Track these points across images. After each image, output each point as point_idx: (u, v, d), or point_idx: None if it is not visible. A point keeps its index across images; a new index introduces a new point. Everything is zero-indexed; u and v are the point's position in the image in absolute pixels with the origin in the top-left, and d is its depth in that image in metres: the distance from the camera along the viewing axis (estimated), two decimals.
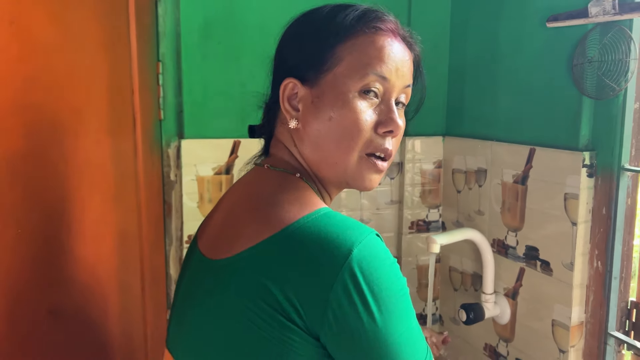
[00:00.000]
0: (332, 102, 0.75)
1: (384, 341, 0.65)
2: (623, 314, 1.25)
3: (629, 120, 1.19)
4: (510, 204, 1.46)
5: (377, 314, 0.64)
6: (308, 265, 0.65)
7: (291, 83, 0.77)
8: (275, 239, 0.68)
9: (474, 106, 1.64)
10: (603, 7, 1.15)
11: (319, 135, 0.76)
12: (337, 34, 0.75)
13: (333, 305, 0.63)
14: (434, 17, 1.71)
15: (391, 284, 0.66)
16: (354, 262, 0.63)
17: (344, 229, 0.66)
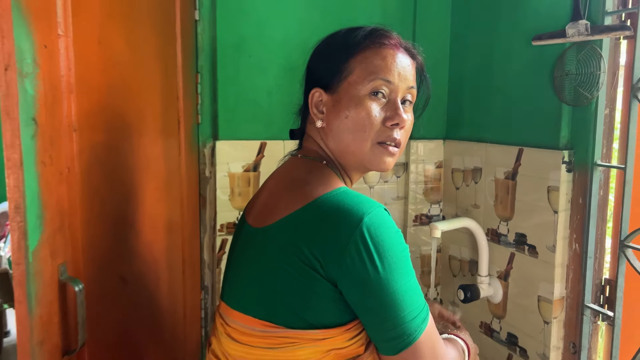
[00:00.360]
0: (348, 104, 0.93)
1: (384, 289, 0.82)
2: (598, 289, 1.45)
3: (600, 123, 1.40)
4: (502, 197, 1.67)
5: (380, 267, 0.81)
6: (329, 229, 0.83)
7: (317, 92, 0.97)
8: (304, 209, 0.87)
9: (470, 113, 1.85)
10: (578, 29, 1.37)
11: (339, 130, 0.94)
12: (349, 49, 0.94)
13: (347, 260, 0.81)
14: (436, 35, 1.92)
15: (392, 246, 0.83)
16: (364, 227, 0.81)
17: (357, 202, 0.85)
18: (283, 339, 0.86)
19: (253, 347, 0.89)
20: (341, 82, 0.94)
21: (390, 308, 0.82)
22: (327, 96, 0.96)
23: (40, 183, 0.93)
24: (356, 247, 0.81)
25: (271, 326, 0.87)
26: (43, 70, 0.92)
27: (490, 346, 1.74)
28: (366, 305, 0.84)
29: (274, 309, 0.88)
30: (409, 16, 1.89)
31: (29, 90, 0.89)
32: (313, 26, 1.76)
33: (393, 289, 0.82)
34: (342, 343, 0.87)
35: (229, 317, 0.96)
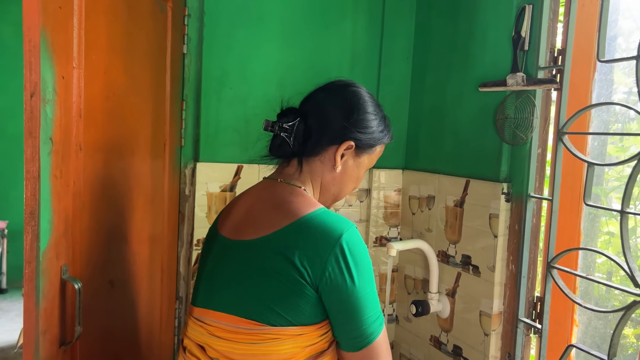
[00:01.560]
0: (358, 171, 1.20)
1: (355, 295, 1.01)
2: (530, 305, 1.65)
3: (534, 161, 1.61)
4: (451, 223, 1.88)
5: (355, 276, 1.00)
6: (314, 244, 1.00)
7: (352, 146, 1.14)
8: (292, 226, 1.03)
9: (426, 146, 2.06)
10: (516, 79, 1.60)
11: (344, 183, 1.19)
12: (383, 140, 1.21)
13: (329, 269, 0.99)
14: (398, 77, 2.14)
15: (364, 260, 1.03)
16: (343, 242, 1.00)
17: (337, 221, 1.03)
18: (267, 335, 1.01)
19: (239, 343, 1.03)
20: (365, 153, 1.18)
21: (359, 311, 1.01)
22: (353, 153, 1.16)
23: (52, 193, 1.08)
24: (336, 258, 0.99)
25: (257, 324, 1.02)
26: (60, 97, 1.09)
27: (438, 357, 1.92)
28: (339, 307, 1.02)
29: (260, 309, 1.02)
30: (375, 59, 2.11)
31: (49, 114, 1.05)
32: (289, 64, 1.96)
33: (362, 295, 1.01)
34: (316, 338, 1.04)
35: (211, 318, 1.09)
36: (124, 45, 1.38)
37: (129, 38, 1.41)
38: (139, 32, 1.47)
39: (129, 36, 1.41)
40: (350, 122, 1.14)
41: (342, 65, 2.06)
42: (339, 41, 2.05)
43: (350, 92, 1.17)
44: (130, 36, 1.41)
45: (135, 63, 1.45)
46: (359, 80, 2.08)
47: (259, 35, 1.90)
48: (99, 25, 1.24)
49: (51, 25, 1.04)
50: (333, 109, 1.15)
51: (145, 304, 1.60)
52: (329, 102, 1.16)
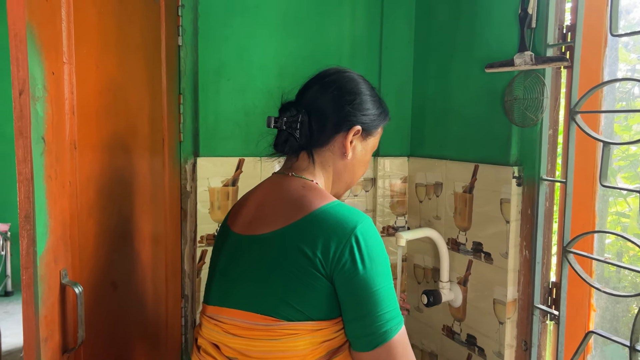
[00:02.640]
0: (366, 156, 1.20)
1: (368, 287, 0.97)
2: (546, 291, 1.61)
3: (545, 142, 1.56)
4: (460, 209, 1.83)
5: (367, 267, 0.97)
6: (329, 235, 0.98)
7: (359, 130, 1.13)
8: (306, 219, 1.01)
9: (432, 132, 2.01)
10: (524, 59, 1.54)
11: (355, 170, 1.18)
12: (384, 119, 1.20)
13: (342, 259, 0.96)
14: (400, 62, 2.09)
15: (378, 252, 0.99)
16: (357, 234, 0.97)
17: (351, 213, 1.01)
18: (284, 330, 0.98)
19: (255, 340, 1.00)
20: (370, 137, 1.17)
21: (372, 305, 0.96)
22: (360, 138, 1.15)
23: (47, 195, 1.03)
24: (350, 249, 0.96)
25: (273, 320, 0.99)
26: (51, 95, 1.04)
27: (451, 347, 1.88)
28: (352, 300, 0.98)
29: (275, 304, 0.99)
30: (376, 45, 2.05)
31: (40, 112, 1.00)
32: (288, 53, 1.90)
33: (375, 288, 0.97)
34: (332, 334, 1.00)
35: (226, 316, 1.06)
36: (117, 38, 1.33)
37: (122, 31, 1.36)
38: (131, 25, 1.41)
39: (121, 29, 1.35)
40: (353, 107, 1.13)
41: (342, 52, 2.00)
42: (338, 27, 1.99)
43: (345, 78, 1.16)
44: (122, 29, 1.36)
45: (129, 57, 1.40)
46: (360, 67, 2.04)
47: (255, 24, 1.84)
48: (89, 18, 1.19)
49: (38, 19, 0.98)
50: (333, 97, 1.13)
51: (150, 304, 1.56)
52: (327, 91, 1.14)
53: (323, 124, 1.12)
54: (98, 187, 1.24)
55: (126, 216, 1.37)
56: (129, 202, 1.39)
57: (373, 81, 2.06)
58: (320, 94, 1.14)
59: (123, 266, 1.38)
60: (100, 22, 1.24)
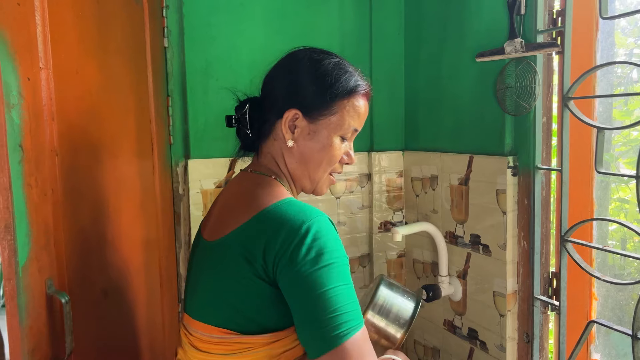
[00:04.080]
0: (324, 139, 1.04)
1: (314, 288, 0.88)
2: (546, 282, 1.58)
3: (539, 130, 1.53)
4: (457, 202, 1.80)
5: (318, 269, 0.88)
6: (274, 235, 0.91)
7: (296, 113, 1.03)
8: (252, 220, 0.95)
9: (425, 125, 1.98)
10: (514, 46, 1.51)
11: (309, 157, 1.05)
12: (338, 92, 1.04)
13: (283, 261, 0.89)
14: (391, 54, 2.05)
15: (328, 251, 0.90)
16: (305, 232, 0.90)
17: (301, 210, 0.93)
18: (239, 344, 0.94)
19: (213, 355, 0.96)
20: (323, 116, 1.03)
21: (319, 307, 0.87)
22: (304, 121, 1.03)
23: (27, 204, 1.01)
24: (294, 248, 0.89)
25: (228, 332, 0.95)
26: (27, 101, 1.01)
27: (453, 342, 1.86)
28: (298, 302, 0.90)
29: (230, 316, 0.95)
30: (366, 38, 2.02)
31: (16, 119, 0.98)
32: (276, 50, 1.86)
33: (323, 289, 0.88)
34: (292, 343, 0.96)
35: (191, 327, 1.03)
36: (97, 42, 1.31)
37: (102, 34, 1.33)
38: (112, 27, 1.39)
39: (102, 32, 1.33)
40: (285, 89, 1.05)
41: (332, 46, 1.96)
42: (326, 21, 1.96)
43: (286, 58, 1.09)
44: (102, 32, 1.33)
45: (111, 60, 1.37)
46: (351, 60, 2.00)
47: (241, 22, 1.82)
48: (66, 22, 1.16)
49: (9, 24, 0.96)
50: (272, 82, 1.09)
51: (144, 310, 1.54)
52: (270, 77, 1.10)
53: (263, 113, 1.07)
54: (82, 194, 1.22)
55: (114, 223, 1.35)
56: (115, 208, 1.37)
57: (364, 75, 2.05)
58: (265, 82, 1.11)
59: (113, 273, 1.36)
60: (79, 25, 1.21)
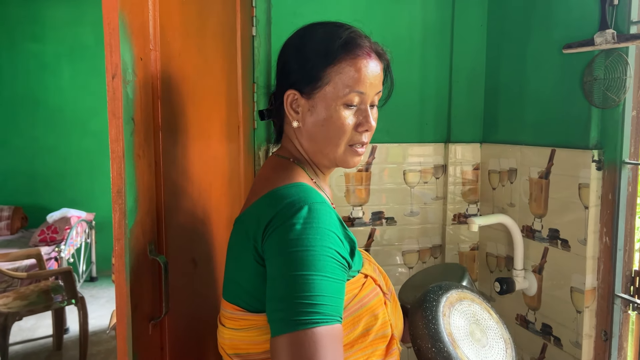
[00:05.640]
0: (323, 112, 0.96)
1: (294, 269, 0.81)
2: (628, 280, 1.54)
3: (628, 124, 1.50)
4: (536, 196, 1.78)
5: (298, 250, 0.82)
6: (267, 214, 0.88)
7: (292, 94, 0.99)
8: (258, 201, 0.94)
9: (505, 117, 1.97)
10: (605, 37, 1.48)
11: (314, 134, 0.99)
12: (326, 58, 0.95)
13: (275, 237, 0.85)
14: (473, 45, 2.05)
15: (317, 239, 0.83)
16: (301, 213, 0.85)
17: (300, 194, 0.88)
18: (245, 321, 0.93)
19: (228, 329, 0.97)
20: (317, 89, 0.97)
21: (290, 288, 0.81)
22: (303, 100, 0.99)
23: (136, 173, 1.11)
24: (283, 226, 0.85)
25: (237, 309, 0.94)
26: (139, 79, 1.11)
27: (525, 337, 1.84)
28: (272, 277, 0.85)
29: (238, 293, 0.95)
30: (447, 29, 2.03)
31: (130, 94, 1.07)
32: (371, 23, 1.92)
33: (301, 272, 0.81)
34: None
35: (221, 302, 1.05)
36: (197, 27, 1.40)
37: (201, 20, 1.42)
38: (210, 15, 1.48)
39: (201, 17, 1.42)
40: (282, 71, 1.03)
41: (413, 38, 2.00)
42: (409, 13, 1.98)
43: (288, 39, 1.06)
44: (202, 18, 1.42)
45: (208, 45, 1.46)
46: (431, 52, 2.03)
47: (327, 12, 1.87)
48: (172, 8, 1.26)
49: (128, 8, 1.06)
50: (276, 69, 1.07)
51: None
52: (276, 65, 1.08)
53: (273, 98, 1.07)
54: (180, 169, 1.31)
55: (205, 198, 1.44)
56: (208, 185, 1.46)
57: (444, 66, 2.08)
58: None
59: (202, 245, 1.45)
60: (183, 10, 1.30)
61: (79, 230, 4.49)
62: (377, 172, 2.03)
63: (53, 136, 5.11)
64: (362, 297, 0.94)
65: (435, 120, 2.07)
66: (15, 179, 5.09)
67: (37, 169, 5.12)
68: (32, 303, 3.15)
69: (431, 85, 2.05)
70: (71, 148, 5.13)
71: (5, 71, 5.05)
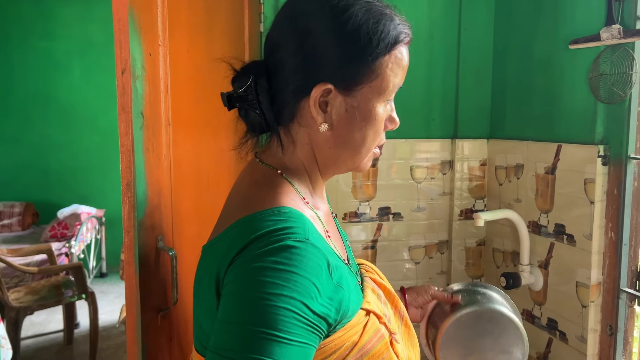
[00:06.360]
0: (366, 114, 0.78)
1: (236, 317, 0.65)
2: (633, 274, 1.54)
3: (634, 119, 1.50)
4: (542, 191, 1.79)
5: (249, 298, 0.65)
6: (239, 246, 0.69)
7: (326, 89, 0.76)
8: (229, 230, 0.74)
9: (512, 114, 1.97)
10: (612, 33, 1.49)
11: (348, 139, 0.79)
12: (378, 49, 0.76)
13: (232, 274, 0.68)
14: (479, 41, 2.05)
15: (276, 285, 0.65)
16: (267, 252, 0.67)
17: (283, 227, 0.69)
18: None
19: None
20: (362, 85, 0.77)
21: (227, 337, 0.65)
22: (339, 97, 0.78)
23: (145, 166, 1.13)
24: (251, 264, 0.67)
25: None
26: (148, 74, 1.13)
27: (531, 331, 1.85)
28: (218, 316, 0.69)
29: (201, 338, 0.78)
30: (454, 24, 2.04)
31: (139, 89, 1.10)
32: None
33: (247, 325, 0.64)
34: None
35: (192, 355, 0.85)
36: (204, 24, 1.42)
37: (209, 16, 1.44)
38: (217, 11, 1.50)
39: (209, 15, 1.44)
40: (309, 58, 0.76)
41: (419, 34, 2.01)
42: (415, 10, 1.99)
43: (293, 10, 0.80)
44: (209, 15, 1.44)
45: (216, 41, 1.48)
46: (439, 48, 2.03)
47: None
48: (181, 4, 1.28)
49: (137, 4, 1.08)
50: (282, 47, 0.79)
51: None
52: (277, 39, 0.80)
53: (281, 88, 0.79)
54: (189, 163, 1.34)
55: (213, 192, 1.46)
56: (215, 178, 1.48)
57: (451, 62, 2.09)
58: (270, 47, 0.81)
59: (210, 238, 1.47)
60: (191, 7, 1.33)
61: (89, 227, 4.54)
62: (384, 168, 2.04)
63: (64, 133, 5.17)
64: (363, 345, 0.77)
65: (442, 116, 2.08)
66: (26, 176, 5.15)
67: (48, 166, 5.18)
68: (43, 298, 3.19)
69: (438, 82, 2.06)
70: (82, 145, 5.18)
71: (17, 68, 5.11)
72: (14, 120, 5.13)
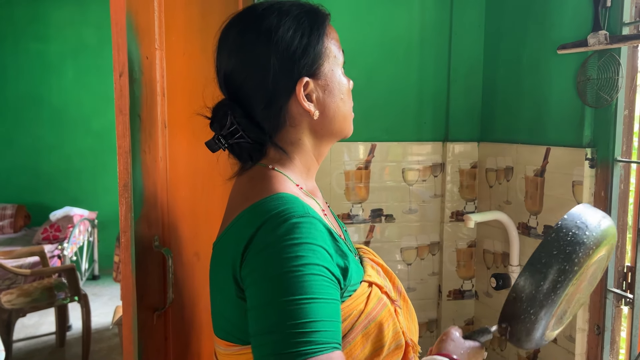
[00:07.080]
0: (337, 84, 0.88)
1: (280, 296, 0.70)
2: (620, 275, 1.58)
3: (620, 123, 1.53)
4: (531, 193, 1.82)
5: (284, 272, 0.71)
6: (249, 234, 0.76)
7: (307, 81, 0.86)
8: (234, 222, 0.81)
9: (502, 117, 2.01)
10: (598, 38, 1.52)
11: (336, 114, 0.89)
12: (320, 28, 0.88)
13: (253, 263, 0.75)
14: (470, 46, 2.09)
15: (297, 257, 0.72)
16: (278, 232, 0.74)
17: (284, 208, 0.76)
18: (244, 355, 0.80)
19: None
20: (322, 65, 0.87)
21: (275, 316, 0.70)
22: (313, 82, 0.87)
23: (142, 168, 1.15)
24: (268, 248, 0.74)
25: (230, 345, 0.83)
26: (145, 77, 1.15)
27: None
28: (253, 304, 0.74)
29: (226, 327, 0.83)
30: (446, 29, 2.07)
31: (136, 92, 1.12)
32: (356, 41, 1.96)
33: (286, 297, 0.70)
34: None
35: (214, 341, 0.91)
36: (200, 27, 1.44)
37: (204, 21, 1.46)
38: (212, 15, 1.52)
39: (204, 18, 1.46)
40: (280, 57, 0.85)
41: (411, 39, 2.04)
42: (407, 14, 2.02)
43: (238, 43, 0.92)
44: (205, 18, 1.46)
45: (211, 45, 1.50)
46: (430, 52, 2.07)
47: None
48: (177, 8, 1.30)
49: (135, 8, 1.10)
50: (239, 78, 0.90)
51: None
52: (240, 68, 0.90)
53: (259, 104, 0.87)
54: (185, 164, 1.36)
55: (209, 195, 1.48)
56: (211, 181, 1.50)
57: (442, 66, 2.12)
58: (234, 75, 0.91)
59: (204, 240, 1.49)
60: (187, 11, 1.35)
61: (81, 229, 4.53)
62: (376, 170, 2.07)
63: (56, 135, 5.16)
64: (369, 312, 0.84)
65: (433, 119, 2.11)
66: (18, 177, 5.14)
67: (40, 168, 5.17)
68: (35, 300, 3.19)
69: (429, 85, 2.09)
70: (74, 147, 5.17)
71: (10, 70, 5.09)
72: (6, 122, 5.12)
